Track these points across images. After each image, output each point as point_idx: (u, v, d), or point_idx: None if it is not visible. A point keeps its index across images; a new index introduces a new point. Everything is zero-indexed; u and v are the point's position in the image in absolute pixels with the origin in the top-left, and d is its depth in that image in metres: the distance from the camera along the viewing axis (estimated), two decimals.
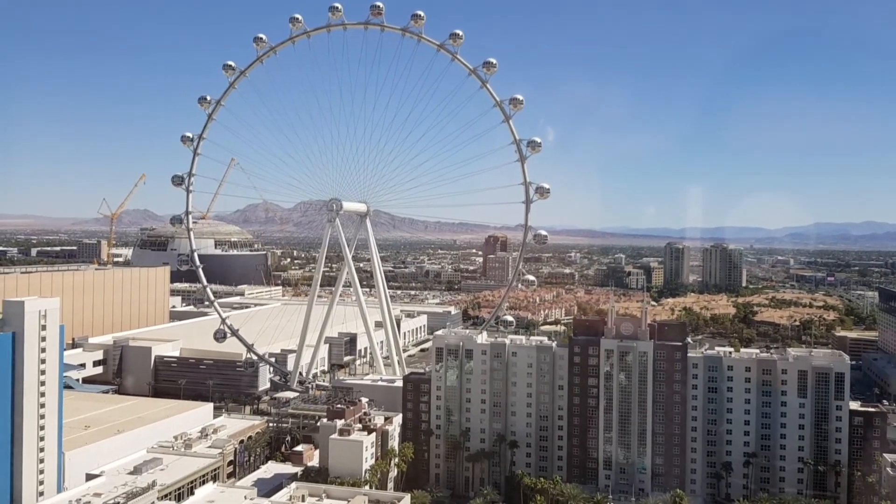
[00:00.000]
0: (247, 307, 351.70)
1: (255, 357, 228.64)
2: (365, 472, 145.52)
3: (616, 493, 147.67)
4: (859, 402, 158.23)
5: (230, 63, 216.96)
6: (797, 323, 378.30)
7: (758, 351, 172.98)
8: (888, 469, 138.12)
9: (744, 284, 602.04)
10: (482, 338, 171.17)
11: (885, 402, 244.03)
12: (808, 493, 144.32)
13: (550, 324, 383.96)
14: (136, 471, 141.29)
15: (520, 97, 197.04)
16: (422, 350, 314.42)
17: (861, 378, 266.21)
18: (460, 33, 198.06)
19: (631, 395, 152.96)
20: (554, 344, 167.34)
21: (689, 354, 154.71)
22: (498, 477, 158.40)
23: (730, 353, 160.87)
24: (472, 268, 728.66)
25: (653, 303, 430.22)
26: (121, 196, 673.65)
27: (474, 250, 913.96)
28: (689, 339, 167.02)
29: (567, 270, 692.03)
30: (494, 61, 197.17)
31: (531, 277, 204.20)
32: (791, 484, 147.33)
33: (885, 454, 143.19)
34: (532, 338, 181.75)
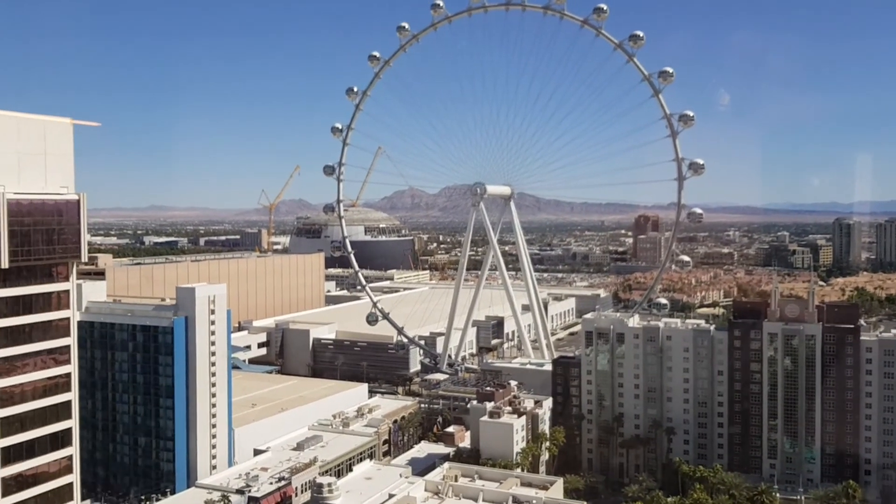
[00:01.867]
0: (396, 291, 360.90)
1: (405, 340, 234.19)
2: (516, 455, 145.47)
3: (782, 483, 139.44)
4: None
5: (375, 54, 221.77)
6: None
7: None
8: None
9: None
10: (634, 321, 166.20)
11: None
12: None
13: (707, 306, 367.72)
14: (299, 447, 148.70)
15: (670, 70, 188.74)
16: (570, 334, 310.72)
17: None
18: (605, 7, 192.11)
19: (797, 382, 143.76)
20: (712, 327, 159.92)
21: (861, 338, 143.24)
22: (654, 464, 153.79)
23: None
24: (621, 249, 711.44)
25: (820, 283, 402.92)
26: (278, 187, 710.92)
27: (623, 231, 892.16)
28: (861, 322, 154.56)
29: (725, 250, 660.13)
30: (641, 34, 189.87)
31: (686, 258, 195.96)
32: None
33: None
34: (688, 321, 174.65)
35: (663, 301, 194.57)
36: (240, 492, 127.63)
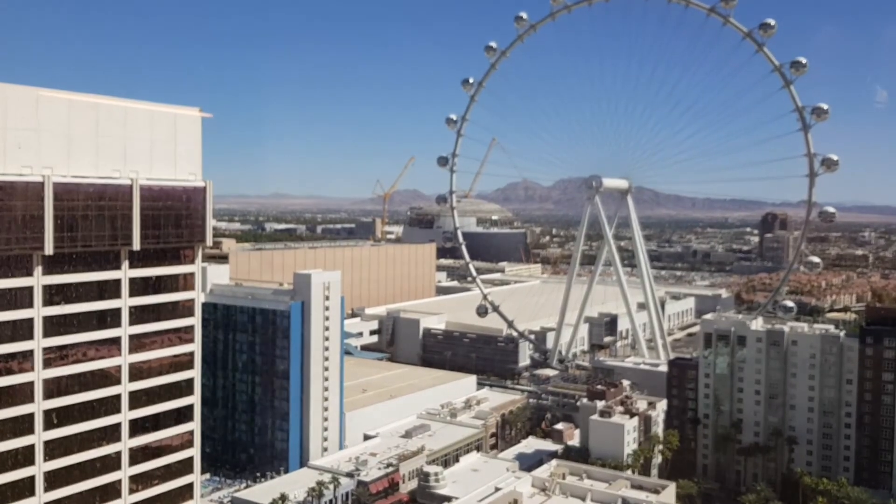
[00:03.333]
0: (507, 284, 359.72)
1: (515, 333, 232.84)
2: (627, 457, 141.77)
3: None
4: None
5: (492, 44, 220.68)
6: None
7: None
8: None
9: None
10: (757, 324, 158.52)
11: None
12: None
13: (838, 311, 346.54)
14: (407, 434, 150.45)
15: (802, 60, 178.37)
16: (688, 334, 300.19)
17: None
18: None
19: None
20: (842, 333, 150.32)
21: None
22: (773, 474, 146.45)
23: None
24: (745, 248, 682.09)
25: None
26: (392, 177, 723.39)
27: (749, 229, 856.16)
28: None
29: (859, 252, 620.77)
30: (773, 22, 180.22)
31: (815, 259, 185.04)
32: None
33: None
34: (816, 325, 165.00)
35: (790, 304, 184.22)
36: (349, 475, 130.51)
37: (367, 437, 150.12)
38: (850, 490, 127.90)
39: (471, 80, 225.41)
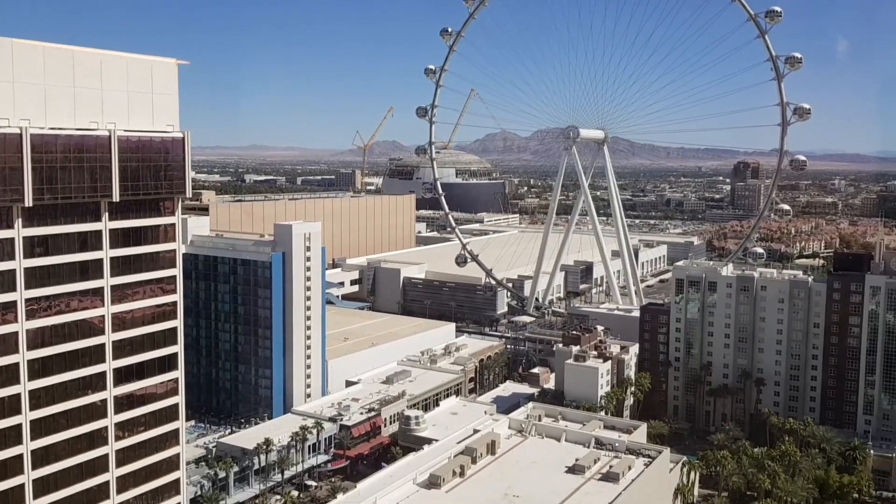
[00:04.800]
0: (485, 234, 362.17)
1: (493, 282, 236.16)
2: (600, 399, 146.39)
3: (877, 440, 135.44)
4: None
5: None
6: None
7: None
8: None
9: None
10: (728, 270, 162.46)
11: None
12: None
13: (807, 257, 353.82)
14: (389, 381, 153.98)
15: (777, 9, 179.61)
16: (661, 281, 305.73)
17: None
18: None
19: None
20: (810, 279, 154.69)
21: None
22: (741, 414, 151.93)
23: None
24: (718, 196, 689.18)
25: None
26: (372, 128, 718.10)
27: (721, 178, 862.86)
28: None
29: (828, 199, 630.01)
30: None
31: (786, 207, 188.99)
32: None
33: None
34: (785, 271, 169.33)
35: (760, 250, 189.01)
36: (332, 420, 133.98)
37: (349, 384, 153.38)
38: (815, 429, 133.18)
39: (450, 30, 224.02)
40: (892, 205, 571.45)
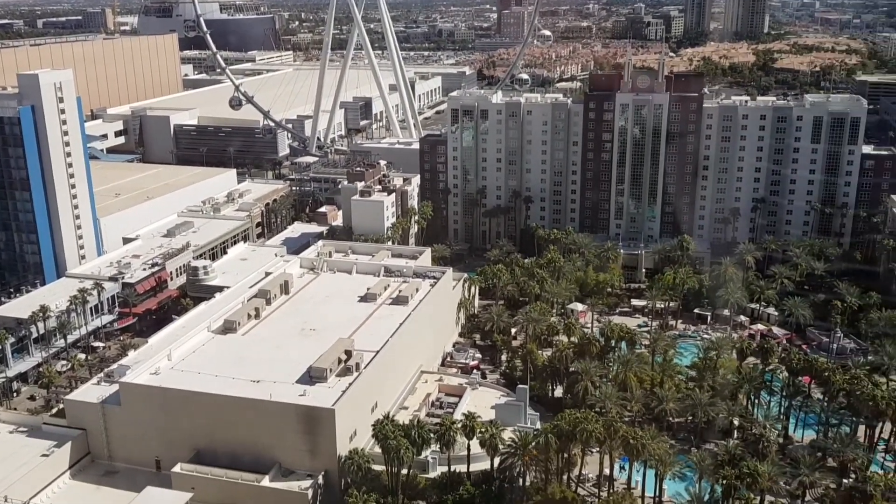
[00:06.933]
0: (259, 73, 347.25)
1: (272, 123, 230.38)
2: (387, 230, 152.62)
3: (626, 240, 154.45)
4: (872, 146, 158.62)
5: None
6: (817, 69, 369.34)
7: (774, 99, 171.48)
8: (894, 209, 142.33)
9: (766, 31, 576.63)
10: (497, 97, 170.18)
11: None
12: (813, 234, 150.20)
13: (566, 80, 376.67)
14: (170, 234, 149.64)
15: None
16: (437, 112, 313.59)
17: (878, 122, 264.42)
18: None
19: (644, 149, 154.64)
20: (569, 101, 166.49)
21: (704, 105, 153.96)
22: (513, 230, 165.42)
23: (745, 101, 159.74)
24: (486, 25, 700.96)
25: (671, 54, 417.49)
26: None
27: (488, 6, 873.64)
28: (705, 90, 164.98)
29: (584, 24, 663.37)
30: None
31: (547, 32, 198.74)
32: (797, 226, 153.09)
33: (892, 195, 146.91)
34: (547, 95, 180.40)
35: (525, 76, 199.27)
36: (113, 279, 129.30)
37: (126, 241, 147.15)
38: (575, 237, 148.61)
39: None
40: (638, 27, 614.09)
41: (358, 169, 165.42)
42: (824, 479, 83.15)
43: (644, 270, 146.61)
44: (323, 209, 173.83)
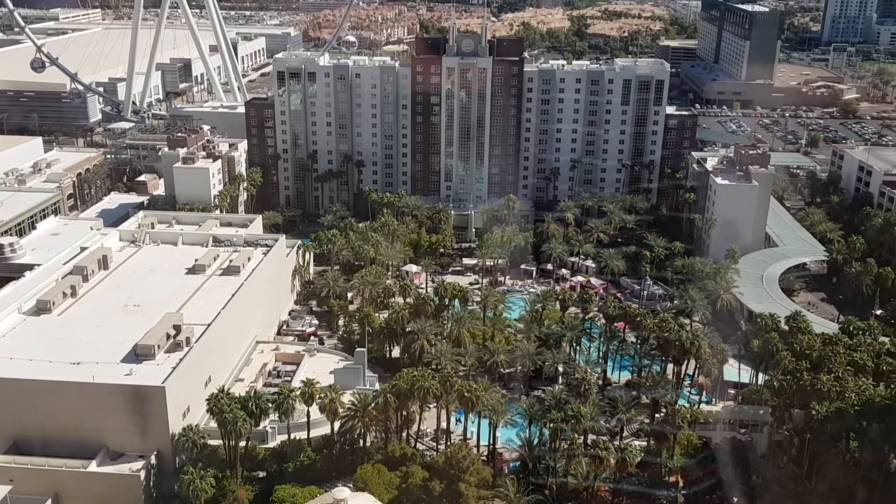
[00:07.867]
0: (64, 33, 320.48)
1: (80, 87, 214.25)
2: (214, 198, 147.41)
3: (456, 201, 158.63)
4: (675, 107, 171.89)
5: None
6: (625, 34, 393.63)
7: (588, 63, 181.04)
8: (694, 165, 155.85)
9: None
10: (324, 60, 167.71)
11: (698, 105, 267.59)
12: (624, 190, 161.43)
13: (393, 43, 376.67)
14: None
15: None
16: (262, 75, 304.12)
17: (679, 84, 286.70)
18: None
19: (471, 111, 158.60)
20: (397, 64, 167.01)
21: (525, 69, 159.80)
22: (346, 195, 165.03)
23: (562, 65, 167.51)
24: None
25: (493, 19, 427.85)
26: None
27: None
28: (525, 55, 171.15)
29: None
30: None
31: None
32: (610, 184, 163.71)
33: (692, 153, 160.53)
34: (375, 58, 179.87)
35: (352, 39, 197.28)
36: None
37: None
38: (408, 199, 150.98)
39: None
40: None
41: (179, 135, 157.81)
42: (639, 415, 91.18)
43: (474, 230, 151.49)
44: (142, 178, 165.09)
